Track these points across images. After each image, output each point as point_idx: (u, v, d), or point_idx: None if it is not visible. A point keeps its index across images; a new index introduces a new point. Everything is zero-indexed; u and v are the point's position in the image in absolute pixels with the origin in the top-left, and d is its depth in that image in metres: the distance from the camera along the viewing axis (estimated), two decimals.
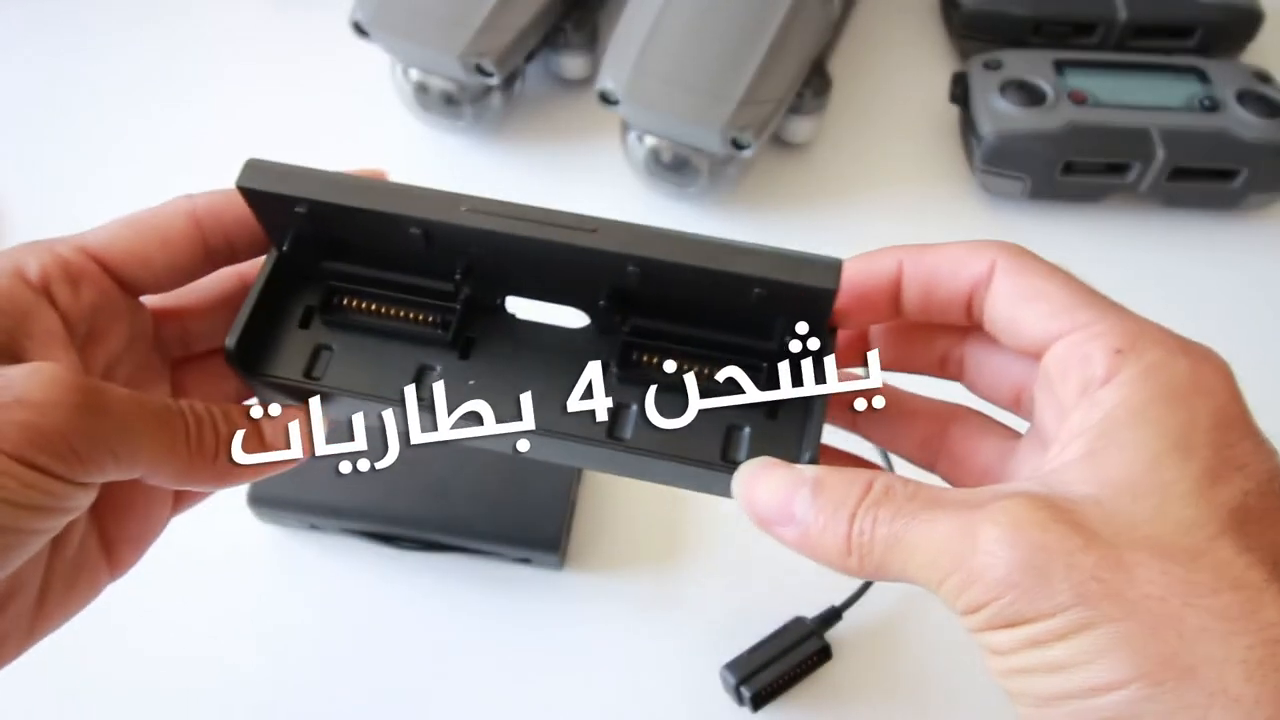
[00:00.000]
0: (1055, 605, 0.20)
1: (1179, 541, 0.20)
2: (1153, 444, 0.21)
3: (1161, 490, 0.21)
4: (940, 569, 0.21)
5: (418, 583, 0.43)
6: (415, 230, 0.26)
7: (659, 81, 0.50)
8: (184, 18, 0.64)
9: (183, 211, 0.27)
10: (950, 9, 0.62)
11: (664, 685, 0.42)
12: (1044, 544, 0.20)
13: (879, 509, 0.23)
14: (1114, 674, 0.19)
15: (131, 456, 0.23)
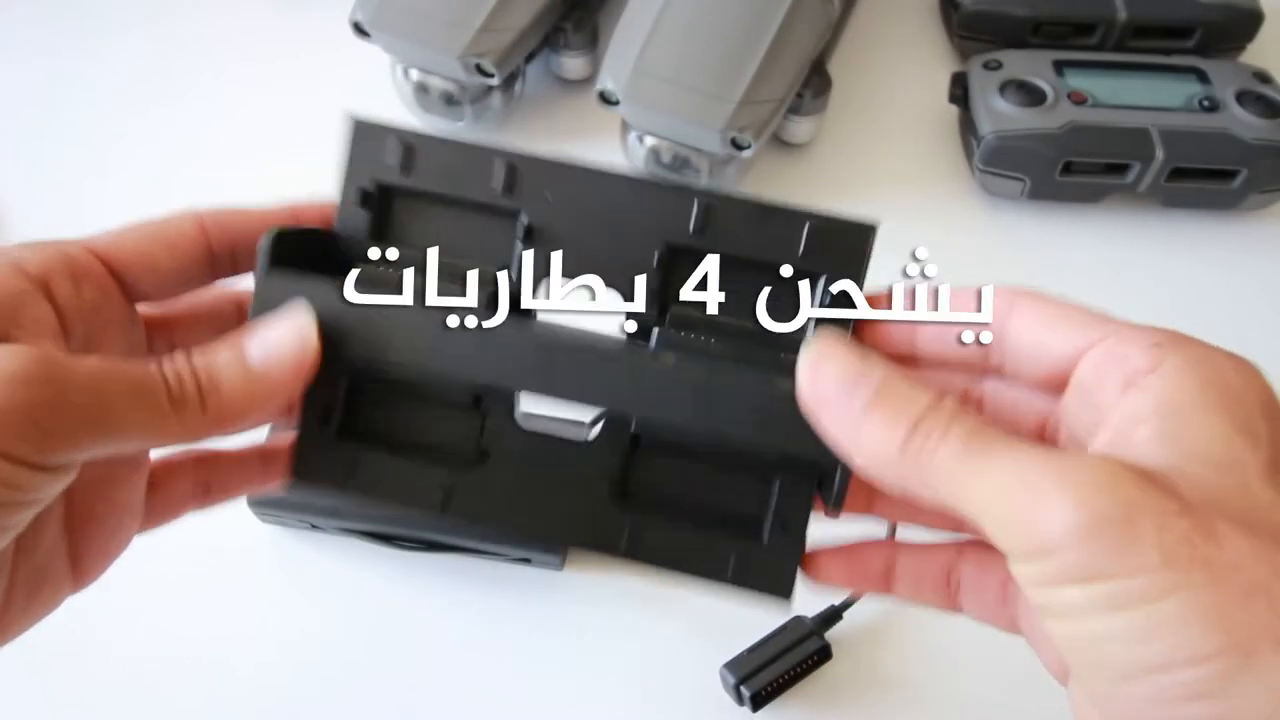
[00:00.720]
0: (1142, 564, 0.19)
1: (1264, 518, 0.20)
2: (1222, 426, 0.21)
3: (1242, 469, 0.20)
4: (1013, 505, 0.20)
5: (418, 583, 0.43)
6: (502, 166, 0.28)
7: (659, 81, 0.50)
8: (184, 18, 0.64)
9: (190, 219, 0.27)
10: (950, 9, 0.62)
11: (664, 685, 0.42)
12: (1139, 500, 0.19)
13: (956, 420, 0.21)
14: (1201, 644, 0.18)
15: (112, 427, 0.22)
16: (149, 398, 0.23)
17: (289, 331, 0.25)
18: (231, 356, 0.24)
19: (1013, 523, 0.20)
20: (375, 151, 0.29)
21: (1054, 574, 0.20)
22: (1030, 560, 0.20)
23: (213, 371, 0.24)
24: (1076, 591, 0.19)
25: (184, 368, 0.24)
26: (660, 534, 0.27)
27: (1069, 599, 0.19)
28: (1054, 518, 0.19)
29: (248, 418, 0.24)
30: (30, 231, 0.27)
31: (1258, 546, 0.19)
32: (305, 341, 0.25)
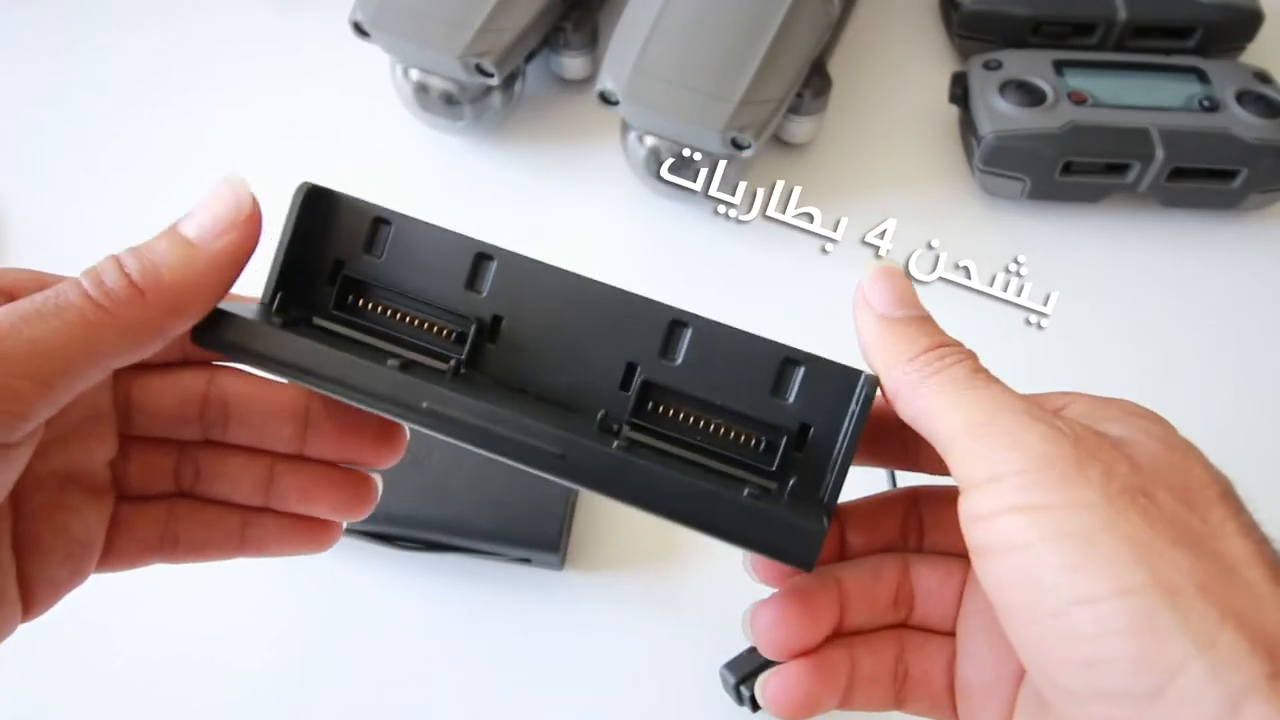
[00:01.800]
0: (1083, 499, 0.20)
1: (1200, 493, 0.21)
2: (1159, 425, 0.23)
3: (1185, 449, 0.22)
4: (980, 436, 0.22)
5: (418, 583, 0.43)
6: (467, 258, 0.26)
7: (659, 81, 0.50)
8: (184, 18, 0.64)
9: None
10: (950, 9, 0.62)
11: (664, 685, 0.42)
12: (1095, 450, 0.21)
13: (969, 358, 0.24)
14: (1130, 577, 0.19)
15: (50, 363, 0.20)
16: (69, 312, 0.21)
17: (220, 191, 0.24)
18: (166, 239, 0.23)
19: (976, 453, 0.22)
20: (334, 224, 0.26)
21: (1001, 502, 0.21)
22: (982, 489, 0.21)
23: (150, 258, 0.23)
24: (1019, 520, 0.20)
25: (105, 265, 0.22)
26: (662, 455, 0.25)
27: (1011, 528, 0.21)
28: (1014, 447, 0.21)
29: (199, 293, 0.23)
30: (30, 232, 0.27)
31: (1190, 514, 0.20)
32: (239, 194, 0.24)
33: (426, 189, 0.58)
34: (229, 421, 0.28)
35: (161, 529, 0.28)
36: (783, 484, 0.25)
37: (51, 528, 0.26)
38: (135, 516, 0.28)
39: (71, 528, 0.26)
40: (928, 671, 0.27)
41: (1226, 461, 0.23)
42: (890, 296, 0.25)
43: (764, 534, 0.23)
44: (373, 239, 0.27)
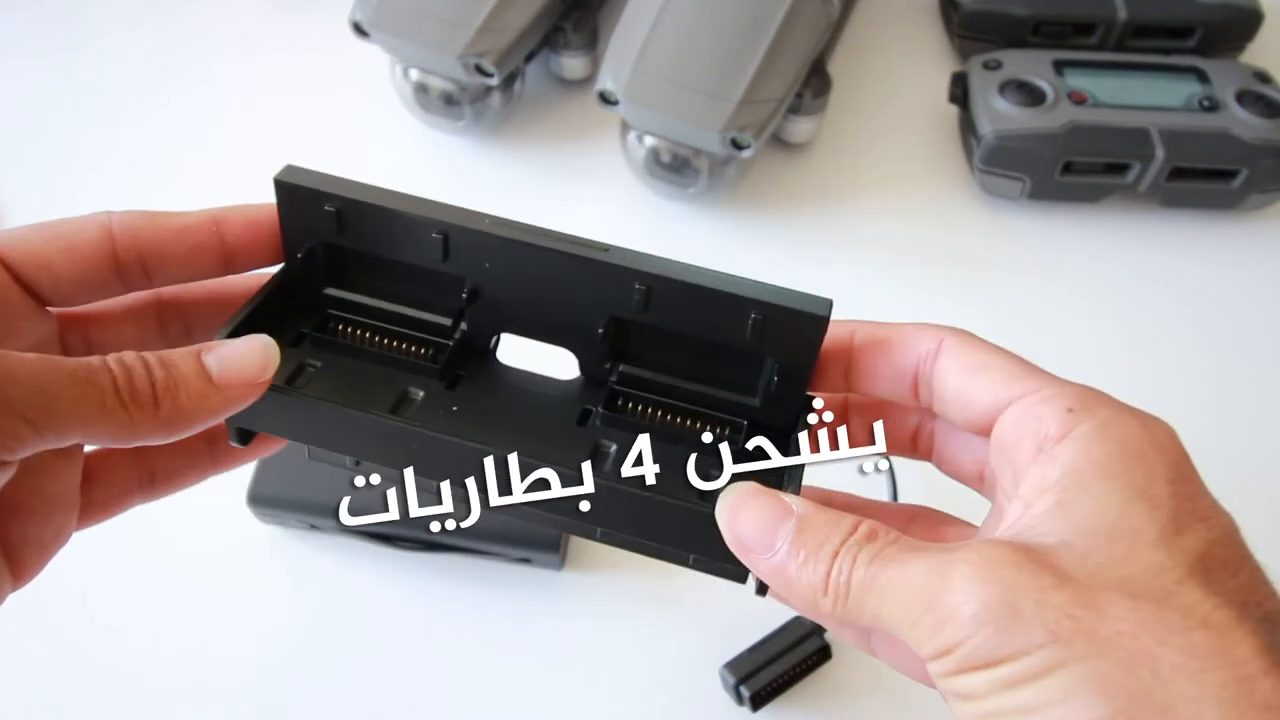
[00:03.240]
0: (1028, 644, 0.20)
1: (1150, 583, 0.20)
2: (1120, 493, 0.22)
3: (1131, 536, 0.21)
4: (913, 611, 0.21)
5: (418, 583, 0.43)
6: (437, 235, 0.26)
7: (659, 81, 0.50)
8: (184, 18, 0.65)
9: (96, 223, 0.26)
10: (950, 9, 0.62)
11: (664, 685, 0.42)
12: (1016, 581, 0.20)
13: (860, 550, 0.22)
14: (1090, 712, 0.19)
15: (53, 422, 0.21)
16: (93, 393, 0.22)
17: (254, 350, 0.25)
18: (193, 364, 0.24)
19: (920, 630, 0.21)
20: (308, 212, 0.27)
21: (958, 665, 0.21)
22: (939, 659, 0.21)
23: (173, 374, 0.24)
24: (978, 678, 0.20)
25: (136, 366, 0.23)
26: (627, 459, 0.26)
27: (973, 684, 0.20)
28: (947, 616, 0.20)
29: (196, 424, 0.24)
30: None
31: (1140, 610, 0.20)
32: (267, 360, 0.25)
33: (426, 189, 0.57)
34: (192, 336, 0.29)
35: (135, 470, 0.29)
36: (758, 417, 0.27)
37: (29, 492, 0.26)
38: (109, 463, 0.28)
39: (46, 487, 0.26)
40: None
41: (1227, 462, 0.23)
42: (760, 523, 0.24)
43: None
44: (341, 224, 0.27)
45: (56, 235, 0.26)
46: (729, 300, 0.26)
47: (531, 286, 0.27)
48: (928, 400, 0.26)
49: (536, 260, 0.26)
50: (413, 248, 0.27)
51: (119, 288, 0.27)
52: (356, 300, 0.29)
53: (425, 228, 0.27)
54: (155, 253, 0.27)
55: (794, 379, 0.27)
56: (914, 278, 0.53)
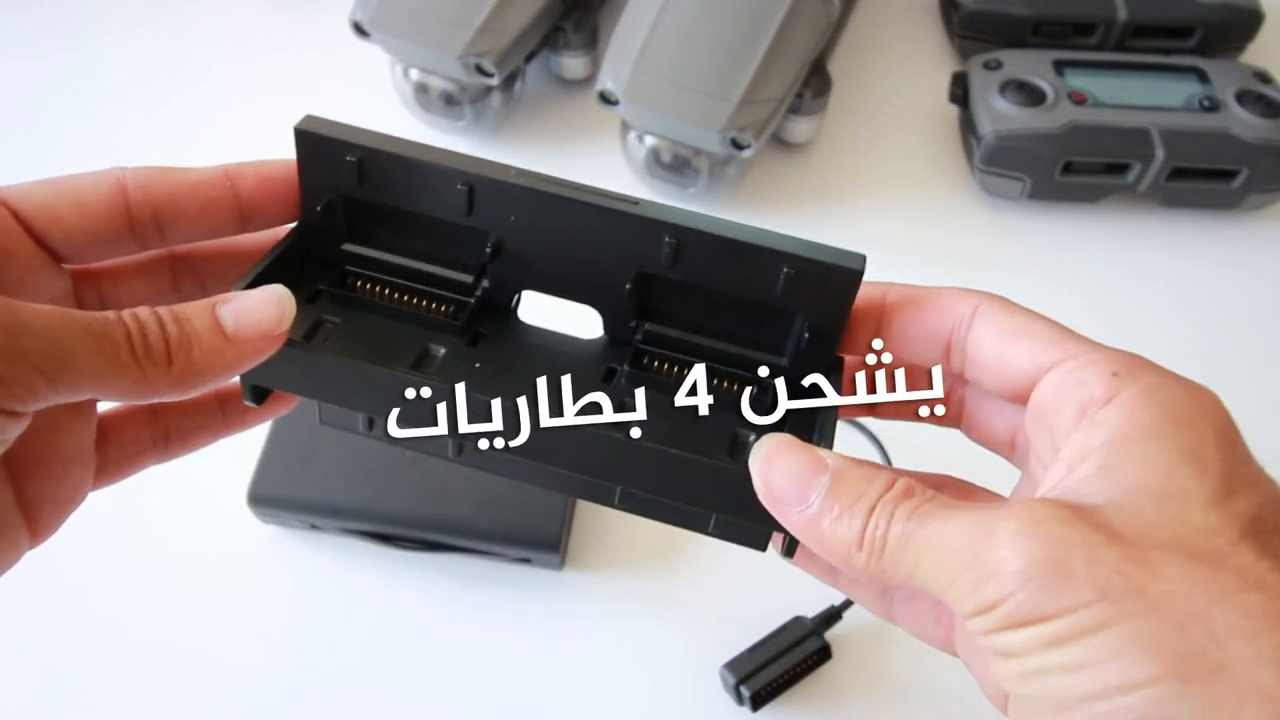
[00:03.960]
0: (1076, 601, 0.19)
1: (1202, 544, 0.20)
2: (1168, 456, 0.21)
3: (1182, 497, 0.20)
4: (954, 567, 0.21)
5: (418, 583, 0.43)
6: (461, 187, 0.26)
7: (659, 81, 0.50)
8: (184, 18, 0.65)
9: (109, 179, 0.26)
10: (950, 9, 0.62)
11: (664, 685, 0.42)
12: (1065, 538, 0.20)
13: (897, 505, 0.22)
14: (1140, 671, 0.18)
15: (67, 375, 0.21)
16: (107, 346, 0.22)
17: (269, 302, 0.24)
18: (207, 318, 0.24)
19: (960, 588, 0.21)
20: (329, 163, 0.27)
21: (1000, 623, 0.20)
22: (979, 616, 0.21)
23: (186, 329, 0.23)
24: (1022, 635, 0.20)
25: (150, 321, 0.23)
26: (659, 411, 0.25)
27: (1015, 641, 0.20)
28: (991, 573, 0.20)
29: (210, 380, 0.24)
30: None
31: (1193, 571, 0.19)
32: (283, 312, 0.24)
33: None
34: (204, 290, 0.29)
35: (149, 429, 0.29)
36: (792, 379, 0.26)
37: (41, 445, 0.25)
38: (121, 423, 0.28)
39: (61, 444, 0.26)
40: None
41: None
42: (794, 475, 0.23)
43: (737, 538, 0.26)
44: (363, 176, 0.27)
45: (66, 189, 0.26)
46: (761, 254, 0.25)
47: (557, 241, 0.27)
48: (959, 366, 0.26)
49: (564, 214, 0.26)
50: (436, 200, 0.27)
51: (133, 245, 0.27)
52: (376, 256, 0.28)
53: (450, 178, 0.26)
54: (169, 208, 0.26)
55: (825, 337, 0.26)
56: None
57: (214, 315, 0.24)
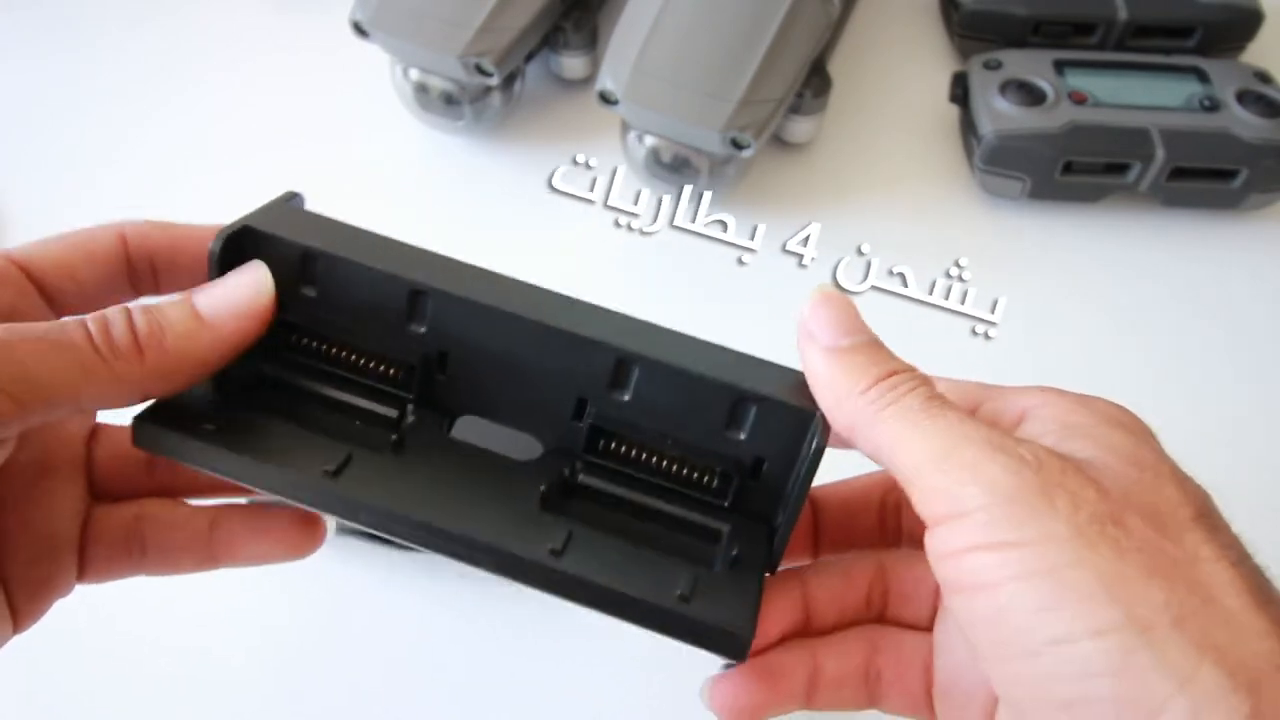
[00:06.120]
0: (1051, 533, 0.19)
1: (1169, 518, 0.20)
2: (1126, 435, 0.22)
3: (1154, 467, 0.21)
4: (942, 469, 0.21)
5: (417, 583, 0.43)
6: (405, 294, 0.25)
7: (659, 81, 0.50)
8: (184, 18, 0.64)
9: (112, 231, 0.27)
10: (950, 9, 0.62)
11: (663, 685, 0.42)
12: (1059, 480, 0.20)
13: (924, 383, 0.23)
14: (1104, 616, 0.19)
15: (34, 391, 0.21)
16: (69, 353, 0.21)
17: (243, 278, 0.24)
18: (179, 306, 0.23)
19: (937, 489, 0.21)
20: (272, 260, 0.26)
21: (967, 539, 0.20)
22: (947, 525, 0.21)
23: (156, 318, 0.23)
24: (988, 558, 0.20)
25: (116, 316, 0.23)
26: (596, 544, 0.24)
27: (980, 566, 0.20)
28: (976, 481, 0.20)
29: (189, 369, 0.23)
30: (30, 233, 0.27)
31: (1163, 540, 0.20)
32: (260, 286, 0.24)
33: (426, 189, 0.58)
34: None
35: (129, 532, 0.28)
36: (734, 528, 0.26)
37: (13, 522, 0.25)
38: (106, 519, 0.28)
39: (31, 519, 0.26)
40: (902, 672, 0.26)
41: (1226, 461, 0.23)
42: (834, 324, 0.24)
43: (695, 635, 0.24)
44: (305, 272, 0.26)
45: (77, 244, 0.26)
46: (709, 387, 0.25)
47: (501, 358, 0.26)
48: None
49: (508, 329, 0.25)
50: (379, 302, 0.26)
51: (130, 292, 0.27)
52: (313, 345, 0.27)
53: (399, 285, 0.25)
54: (163, 259, 0.27)
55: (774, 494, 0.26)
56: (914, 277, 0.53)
57: (189, 301, 0.24)
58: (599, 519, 0.25)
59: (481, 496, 0.24)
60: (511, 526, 0.24)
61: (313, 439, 0.25)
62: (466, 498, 0.24)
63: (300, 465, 0.24)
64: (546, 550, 0.23)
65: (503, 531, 0.23)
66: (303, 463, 0.24)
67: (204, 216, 0.28)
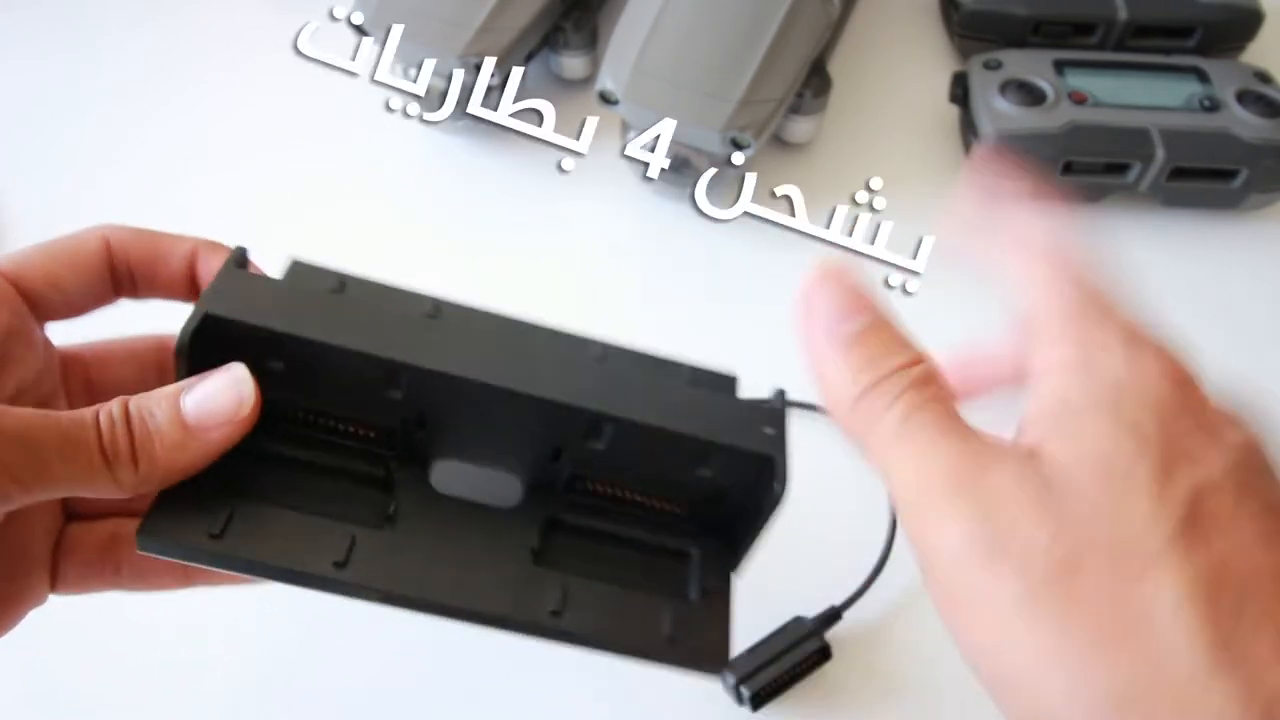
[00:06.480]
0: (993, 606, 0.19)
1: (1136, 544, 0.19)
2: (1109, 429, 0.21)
3: (1126, 477, 0.20)
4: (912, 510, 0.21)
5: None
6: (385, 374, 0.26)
7: (659, 81, 0.50)
8: (184, 18, 0.64)
9: (95, 237, 0.27)
10: (950, 9, 0.62)
11: (663, 684, 0.41)
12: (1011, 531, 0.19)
13: (905, 391, 0.21)
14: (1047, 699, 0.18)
15: (41, 481, 0.22)
16: (81, 452, 0.22)
17: (226, 385, 0.24)
18: (169, 411, 0.24)
19: (912, 536, 0.21)
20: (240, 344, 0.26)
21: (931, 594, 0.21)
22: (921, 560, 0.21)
23: (148, 426, 0.23)
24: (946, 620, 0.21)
25: (119, 419, 0.23)
26: (588, 596, 0.26)
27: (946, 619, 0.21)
28: (927, 541, 0.20)
29: (178, 474, 0.24)
30: (30, 233, 0.27)
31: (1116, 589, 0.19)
32: (243, 395, 0.24)
33: (426, 189, 0.58)
34: None
35: (103, 551, 0.28)
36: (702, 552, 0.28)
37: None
38: (80, 536, 0.28)
39: (12, 538, 0.26)
40: None
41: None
42: (834, 307, 0.23)
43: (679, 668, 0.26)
44: (272, 351, 0.26)
45: (63, 253, 0.27)
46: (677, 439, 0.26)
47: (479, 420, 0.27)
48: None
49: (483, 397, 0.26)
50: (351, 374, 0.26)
51: (112, 296, 0.28)
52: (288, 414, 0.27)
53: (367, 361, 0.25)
54: (141, 265, 0.27)
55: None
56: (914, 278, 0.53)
57: (176, 407, 0.24)
58: (584, 557, 0.27)
59: (477, 561, 0.26)
60: (510, 592, 0.26)
61: (312, 524, 0.25)
62: (464, 564, 0.26)
63: (309, 560, 0.25)
64: (547, 613, 0.25)
65: (503, 600, 0.25)
66: (310, 557, 0.25)
67: (204, 216, 0.28)
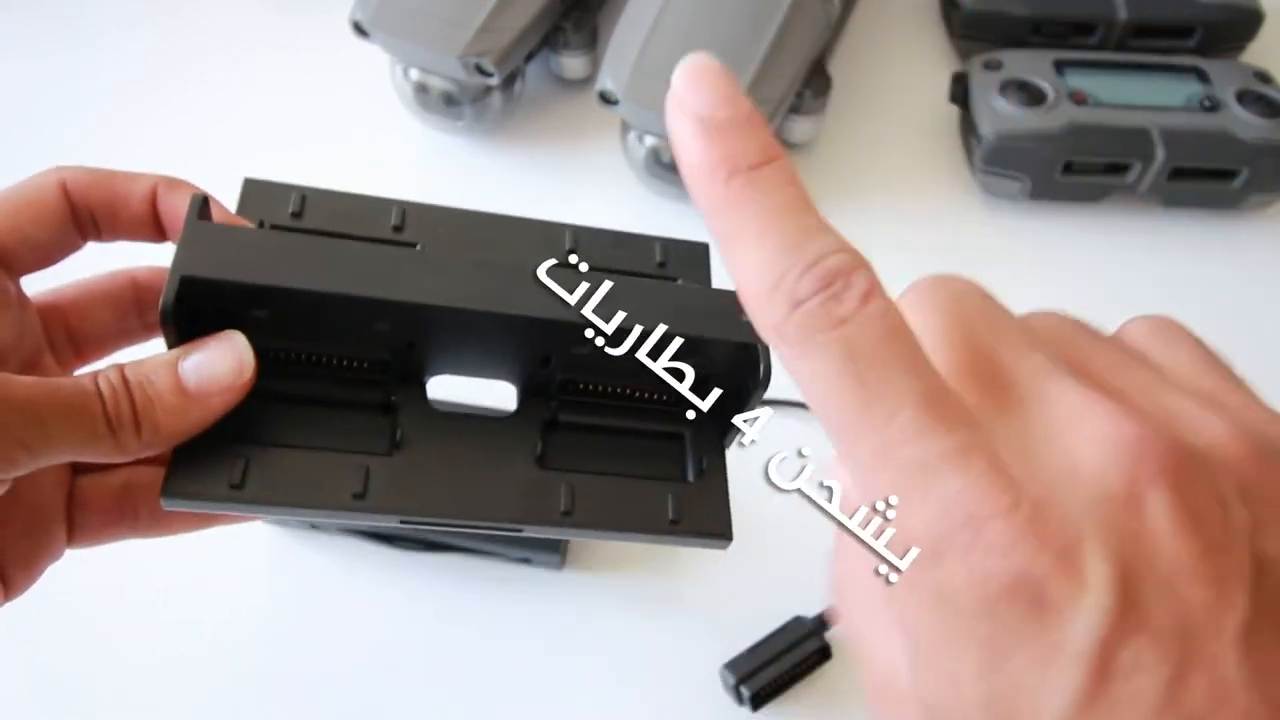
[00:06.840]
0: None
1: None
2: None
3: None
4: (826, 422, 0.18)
5: (418, 583, 0.43)
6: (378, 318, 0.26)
7: (659, 81, 0.50)
8: (184, 18, 0.64)
9: (53, 185, 0.27)
10: (950, 9, 0.62)
11: (664, 685, 0.42)
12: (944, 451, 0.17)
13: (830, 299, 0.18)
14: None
15: (48, 446, 0.22)
16: (85, 419, 0.23)
17: (224, 352, 0.25)
18: (169, 378, 0.24)
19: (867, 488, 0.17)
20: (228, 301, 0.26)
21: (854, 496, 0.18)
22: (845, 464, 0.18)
23: (148, 391, 0.24)
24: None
25: (119, 386, 0.23)
26: (593, 490, 0.27)
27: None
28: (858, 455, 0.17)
29: (180, 437, 0.24)
30: None
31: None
32: (242, 362, 0.24)
33: (426, 189, 0.58)
34: None
35: (119, 500, 0.28)
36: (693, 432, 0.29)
37: (15, 500, 0.25)
38: (93, 488, 0.28)
39: (24, 495, 0.26)
40: None
41: None
42: (712, 92, 0.18)
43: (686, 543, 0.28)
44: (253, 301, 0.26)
45: (22, 204, 0.26)
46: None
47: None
48: None
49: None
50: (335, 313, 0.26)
51: (79, 240, 0.27)
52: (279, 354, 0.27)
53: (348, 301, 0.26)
54: (104, 208, 0.27)
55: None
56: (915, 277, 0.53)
57: (176, 374, 0.24)
58: (584, 454, 0.28)
59: (485, 473, 0.27)
60: (521, 498, 0.26)
61: (325, 460, 0.26)
62: (473, 477, 0.27)
63: (329, 497, 0.25)
64: (559, 513, 0.26)
65: (516, 507, 0.26)
66: (330, 493, 0.25)
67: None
